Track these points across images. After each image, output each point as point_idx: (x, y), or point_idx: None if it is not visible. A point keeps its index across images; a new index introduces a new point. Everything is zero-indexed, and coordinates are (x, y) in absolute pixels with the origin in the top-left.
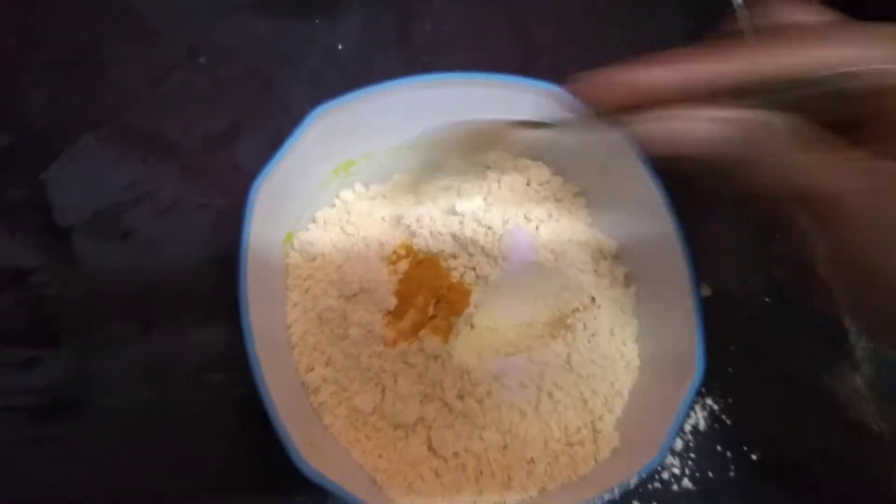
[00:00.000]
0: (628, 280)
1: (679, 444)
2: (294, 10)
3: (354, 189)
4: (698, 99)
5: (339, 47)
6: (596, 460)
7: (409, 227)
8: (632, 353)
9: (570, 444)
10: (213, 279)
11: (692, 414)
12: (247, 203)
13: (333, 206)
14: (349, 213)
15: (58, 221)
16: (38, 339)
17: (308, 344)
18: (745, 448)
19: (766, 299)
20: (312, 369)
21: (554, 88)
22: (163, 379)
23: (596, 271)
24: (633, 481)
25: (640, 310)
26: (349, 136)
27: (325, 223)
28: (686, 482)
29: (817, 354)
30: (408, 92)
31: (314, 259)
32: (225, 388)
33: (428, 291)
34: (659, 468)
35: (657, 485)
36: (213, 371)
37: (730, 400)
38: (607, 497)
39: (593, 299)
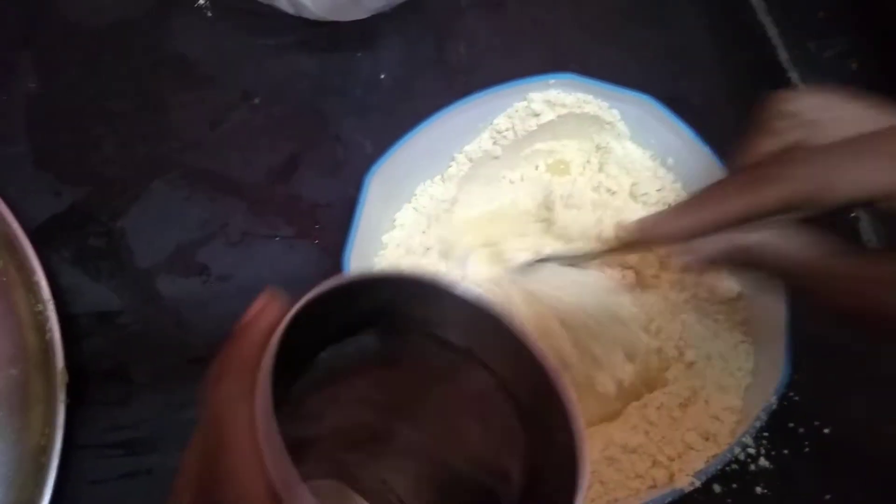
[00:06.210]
0: None
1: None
2: (336, 46)
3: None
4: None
5: (382, 76)
6: None
7: None
8: None
9: None
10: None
11: None
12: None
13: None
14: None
15: (138, 264)
16: (129, 376)
17: None
18: (816, 423)
19: None
20: None
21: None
22: None
23: None
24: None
25: None
26: (400, 185)
27: None
28: (762, 461)
29: None
30: (442, 123)
31: None
32: None
33: None
34: (735, 449)
35: (735, 466)
36: None
37: (796, 377)
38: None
39: None
